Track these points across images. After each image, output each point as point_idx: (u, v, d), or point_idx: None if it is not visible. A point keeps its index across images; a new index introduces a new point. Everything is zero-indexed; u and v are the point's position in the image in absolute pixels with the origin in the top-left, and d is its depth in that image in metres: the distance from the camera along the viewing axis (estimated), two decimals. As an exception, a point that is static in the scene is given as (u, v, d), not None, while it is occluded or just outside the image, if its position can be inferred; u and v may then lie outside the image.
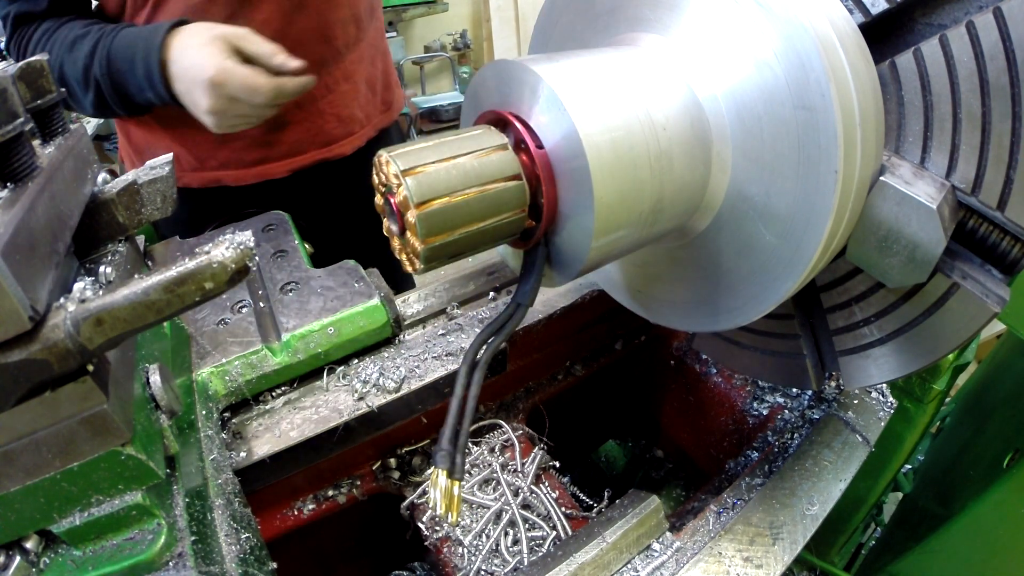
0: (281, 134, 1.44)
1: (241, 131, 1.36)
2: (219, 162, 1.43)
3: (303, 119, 1.44)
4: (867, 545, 1.75)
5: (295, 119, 1.44)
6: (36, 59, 0.53)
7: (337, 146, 1.52)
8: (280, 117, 1.40)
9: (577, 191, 0.53)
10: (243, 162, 1.44)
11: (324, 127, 1.48)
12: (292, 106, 1.40)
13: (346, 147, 1.53)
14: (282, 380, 0.84)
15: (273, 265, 0.98)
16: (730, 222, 0.61)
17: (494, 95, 0.59)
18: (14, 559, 0.50)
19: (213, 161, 1.43)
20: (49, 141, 0.56)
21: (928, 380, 1.16)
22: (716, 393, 1.07)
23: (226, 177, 1.45)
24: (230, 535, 0.61)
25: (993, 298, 0.60)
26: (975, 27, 0.55)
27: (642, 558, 0.71)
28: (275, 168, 1.46)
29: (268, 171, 1.46)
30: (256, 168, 1.45)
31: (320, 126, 1.47)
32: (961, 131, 0.58)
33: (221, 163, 1.43)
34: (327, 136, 1.49)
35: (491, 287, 1.01)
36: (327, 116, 1.48)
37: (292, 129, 1.44)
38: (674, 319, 0.73)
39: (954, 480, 1.38)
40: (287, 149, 1.46)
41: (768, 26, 0.53)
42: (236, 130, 1.18)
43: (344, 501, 0.88)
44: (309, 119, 1.45)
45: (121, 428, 0.46)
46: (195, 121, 1.36)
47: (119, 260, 0.59)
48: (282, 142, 1.45)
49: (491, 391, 0.99)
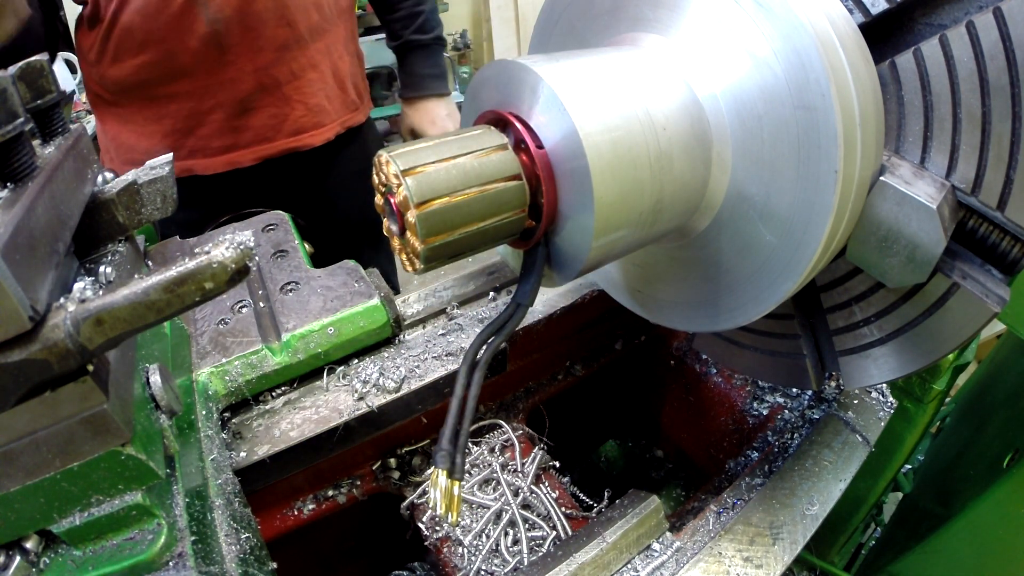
0: (247, 119, 1.45)
1: (205, 118, 1.40)
2: (188, 150, 1.45)
3: (269, 104, 1.46)
4: (867, 545, 1.75)
5: (261, 104, 1.45)
6: (36, 59, 0.53)
7: (307, 136, 1.52)
8: (246, 101, 1.43)
9: (577, 191, 0.53)
10: (211, 149, 1.45)
11: (291, 114, 1.49)
12: (257, 90, 1.42)
13: (316, 138, 1.54)
14: (282, 380, 0.84)
15: (273, 265, 0.98)
16: (730, 222, 0.61)
17: (494, 95, 0.58)
18: (14, 559, 0.50)
19: (183, 150, 1.44)
20: (49, 141, 0.56)
21: (928, 380, 1.15)
22: (716, 393, 1.07)
23: (196, 166, 1.46)
24: (230, 535, 0.61)
25: (993, 298, 0.60)
26: (975, 27, 0.55)
27: (642, 558, 0.71)
28: (243, 156, 1.47)
29: (237, 159, 1.47)
30: (225, 156, 1.46)
31: (287, 113, 1.48)
32: (961, 131, 0.58)
33: (190, 151, 1.45)
34: (295, 124, 1.50)
35: (491, 287, 1.01)
36: (294, 103, 1.48)
37: (258, 114, 1.45)
38: (674, 319, 0.73)
39: (954, 480, 1.38)
40: (254, 136, 1.47)
41: (768, 26, 0.53)
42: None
43: (344, 501, 0.88)
44: (275, 104, 1.46)
45: (121, 428, 0.46)
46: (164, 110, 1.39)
47: (119, 260, 0.58)
48: (248, 128, 1.46)
49: (491, 391, 0.99)
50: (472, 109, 0.63)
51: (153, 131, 1.43)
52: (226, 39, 1.35)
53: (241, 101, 1.42)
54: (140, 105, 1.42)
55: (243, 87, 1.41)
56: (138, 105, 1.42)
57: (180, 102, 1.41)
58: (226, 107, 1.42)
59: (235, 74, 1.40)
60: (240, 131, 1.45)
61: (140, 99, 1.41)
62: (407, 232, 0.52)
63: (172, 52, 1.34)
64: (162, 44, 1.33)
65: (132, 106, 1.43)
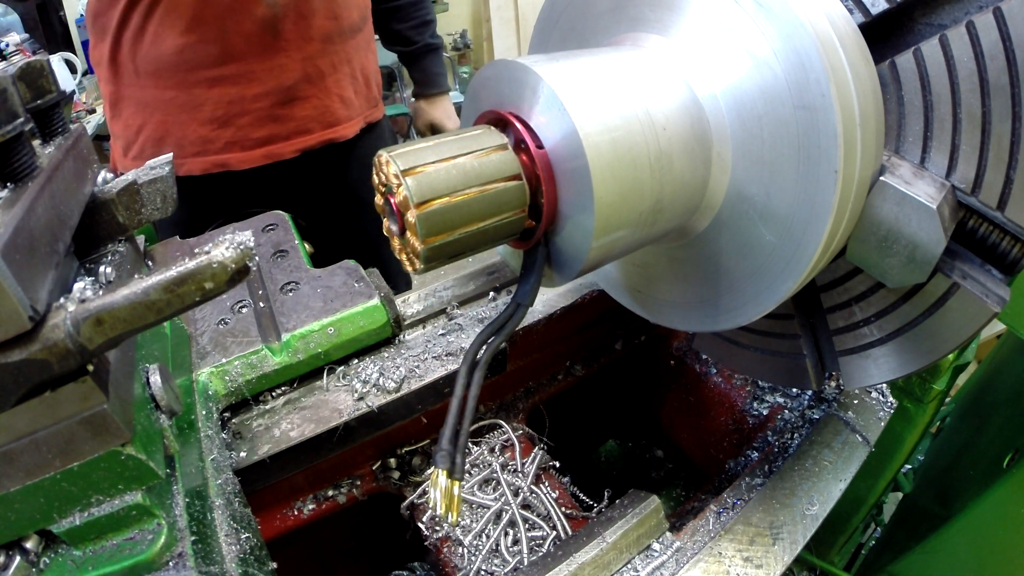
0: (290, 109, 1.43)
1: (248, 106, 1.36)
2: (224, 142, 1.41)
3: (312, 95, 1.45)
4: (867, 545, 1.75)
5: (305, 94, 1.44)
6: (36, 59, 0.53)
7: (341, 127, 1.53)
8: (291, 90, 1.41)
9: (577, 191, 0.53)
10: (250, 141, 1.42)
11: (331, 106, 1.49)
12: (303, 79, 1.42)
13: (348, 129, 1.55)
14: (282, 380, 0.84)
15: (273, 265, 0.98)
16: (730, 222, 0.61)
17: (494, 95, 0.58)
18: (14, 559, 0.50)
19: (218, 142, 1.40)
20: (49, 141, 0.56)
21: (928, 380, 1.15)
22: (716, 393, 1.07)
23: (232, 160, 1.42)
24: (230, 535, 0.61)
25: (993, 298, 0.60)
26: (975, 27, 0.55)
27: (642, 558, 0.71)
28: (283, 148, 1.45)
29: (276, 151, 1.45)
30: (263, 148, 1.43)
31: (327, 105, 1.49)
32: (961, 131, 0.58)
33: (226, 143, 1.41)
34: (333, 116, 1.51)
35: (491, 287, 1.01)
36: (332, 95, 1.49)
37: (301, 105, 1.44)
38: (674, 319, 0.73)
39: (954, 480, 1.38)
40: (295, 127, 1.45)
41: (768, 26, 0.53)
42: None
43: (344, 501, 0.88)
44: (317, 96, 1.46)
45: (121, 428, 0.46)
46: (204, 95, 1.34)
47: (119, 260, 0.58)
48: (290, 118, 1.44)
49: (491, 391, 0.99)
50: (472, 109, 0.63)
51: (187, 120, 1.37)
52: (282, 23, 1.33)
53: (287, 89, 1.40)
54: (176, 91, 1.36)
55: (291, 75, 1.39)
56: (174, 91, 1.36)
57: (224, 87, 1.36)
58: (272, 95, 1.39)
59: (284, 60, 1.38)
60: (282, 121, 1.43)
61: (176, 84, 1.35)
62: (407, 232, 0.52)
63: (225, 32, 1.29)
64: (216, 23, 1.28)
65: (166, 91, 1.36)
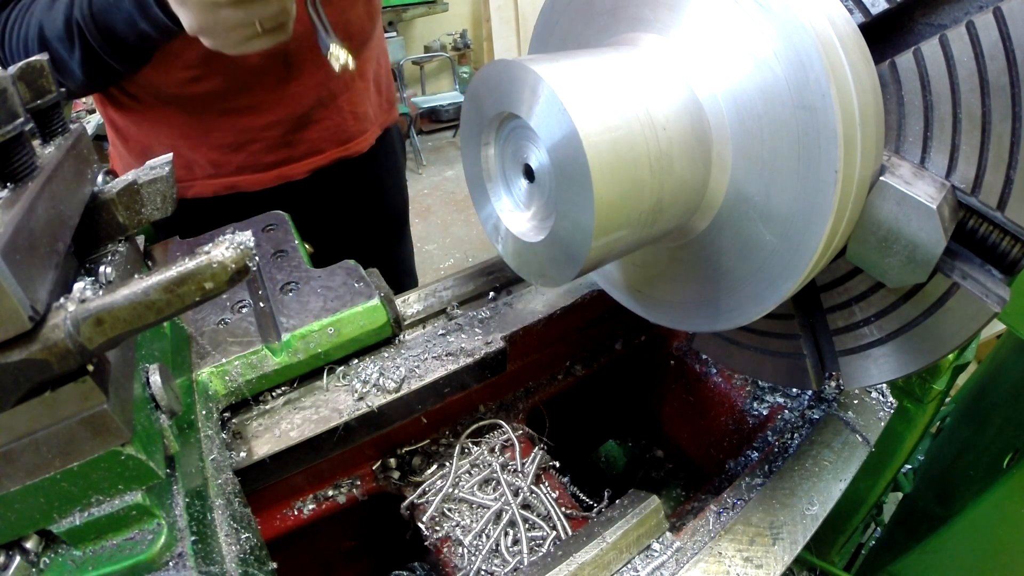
0: (303, 133, 1.41)
1: (260, 134, 1.31)
2: (236, 166, 1.38)
3: (324, 117, 1.43)
4: (867, 545, 1.75)
5: (318, 117, 1.41)
6: (36, 59, 0.53)
7: (354, 144, 1.51)
8: (305, 117, 1.39)
9: (577, 191, 0.53)
10: (262, 165, 1.40)
11: (343, 124, 1.47)
12: (316, 104, 1.39)
13: (362, 144, 1.53)
14: (282, 380, 0.84)
15: (273, 265, 0.98)
16: (730, 222, 0.61)
17: (494, 95, 0.59)
18: (14, 559, 0.50)
19: (229, 166, 1.38)
20: (49, 141, 0.56)
21: (928, 380, 1.15)
22: (716, 393, 1.07)
23: (243, 183, 1.40)
24: (230, 535, 0.61)
25: (993, 298, 0.60)
26: (975, 27, 0.55)
27: (642, 558, 0.71)
28: (295, 169, 1.43)
29: (288, 172, 1.43)
30: (275, 171, 1.41)
31: (339, 124, 1.46)
32: (961, 131, 0.58)
33: (238, 167, 1.38)
34: (345, 133, 1.48)
35: (491, 287, 1.01)
36: (345, 113, 1.47)
37: (314, 128, 1.42)
38: (674, 319, 0.73)
39: (954, 480, 1.38)
40: (307, 149, 1.43)
41: (768, 26, 0.53)
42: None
43: (344, 501, 0.88)
44: (330, 117, 1.44)
45: (121, 428, 0.46)
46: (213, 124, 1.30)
47: (119, 260, 0.58)
48: (303, 141, 1.42)
49: (491, 391, 0.99)
50: (472, 109, 0.63)
51: (196, 144, 1.33)
52: (295, 56, 1.29)
53: (300, 117, 1.37)
54: (183, 118, 1.31)
55: (305, 102, 1.36)
56: (181, 117, 1.31)
57: (234, 117, 1.32)
58: (285, 123, 1.36)
59: (297, 89, 1.34)
60: (294, 145, 1.40)
61: (185, 112, 1.30)
62: None
63: (233, 68, 1.23)
64: (222, 59, 1.14)
65: (172, 117, 1.31)
